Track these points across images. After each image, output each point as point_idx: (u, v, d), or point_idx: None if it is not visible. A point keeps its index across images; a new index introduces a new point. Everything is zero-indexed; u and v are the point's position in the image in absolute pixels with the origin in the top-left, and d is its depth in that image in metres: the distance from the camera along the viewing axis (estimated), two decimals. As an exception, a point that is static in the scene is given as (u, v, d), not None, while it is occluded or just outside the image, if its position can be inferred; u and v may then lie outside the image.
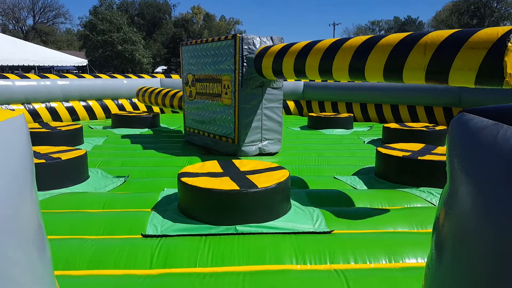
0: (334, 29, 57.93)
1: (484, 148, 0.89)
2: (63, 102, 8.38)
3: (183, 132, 6.31)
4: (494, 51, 2.49)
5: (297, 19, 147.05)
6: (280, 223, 2.66)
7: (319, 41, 3.99)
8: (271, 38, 4.82)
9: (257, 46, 4.71)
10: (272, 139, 5.12)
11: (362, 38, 3.52)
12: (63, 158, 3.57)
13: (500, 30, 2.52)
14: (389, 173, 3.82)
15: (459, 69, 2.70)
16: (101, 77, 9.16)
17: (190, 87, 5.89)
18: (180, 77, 10.10)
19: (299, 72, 4.15)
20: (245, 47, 4.65)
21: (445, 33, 2.88)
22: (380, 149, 4.03)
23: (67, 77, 8.59)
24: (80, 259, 2.23)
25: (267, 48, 4.56)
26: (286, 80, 4.80)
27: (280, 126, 5.15)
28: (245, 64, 4.67)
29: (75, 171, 3.70)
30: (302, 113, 10.20)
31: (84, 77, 8.84)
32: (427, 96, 8.60)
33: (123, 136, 6.60)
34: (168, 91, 7.30)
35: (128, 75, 9.73)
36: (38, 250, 0.96)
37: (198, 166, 3.20)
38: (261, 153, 5.05)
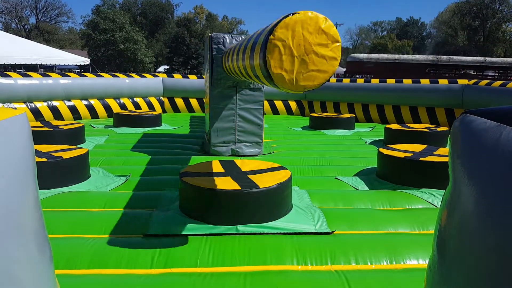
0: (336, 29, 57.74)
1: (486, 149, 0.89)
2: (65, 101, 8.39)
3: None
4: (262, 47, 2.01)
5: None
6: (281, 224, 2.66)
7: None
8: None
9: (226, 46, 4.58)
10: (248, 142, 4.94)
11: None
12: (64, 157, 3.57)
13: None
14: (391, 174, 3.81)
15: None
16: (103, 76, 9.17)
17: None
18: (183, 77, 10.10)
19: (233, 73, 3.90)
20: (215, 46, 4.57)
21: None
22: (381, 150, 4.02)
23: (69, 76, 8.60)
24: (81, 258, 2.23)
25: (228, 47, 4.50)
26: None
27: (259, 129, 4.92)
28: (214, 63, 4.61)
29: (77, 170, 3.70)
30: (304, 113, 10.19)
31: (86, 76, 8.85)
32: (429, 97, 8.59)
33: (125, 136, 6.60)
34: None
35: (130, 74, 9.73)
36: (39, 248, 0.96)
37: (200, 165, 3.20)
38: (236, 155, 4.93)
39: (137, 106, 9.50)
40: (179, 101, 10.08)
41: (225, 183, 2.70)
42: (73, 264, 2.20)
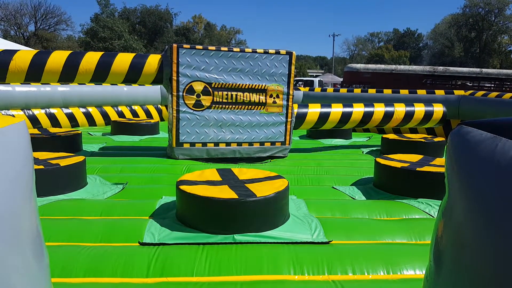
0: (333, 39, 58.53)
1: (482, 160, 0.90)
2: (63, 109, 8.38)
3: None
4: None
5: (298, 29, 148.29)
6: (278, 233, 2.66)
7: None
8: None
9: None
10: (169, 145, 5.35)
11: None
12: (61, 164, 3.57)
13: None
14: (388, 184, 3.82)
15: None
16: (101, 84, 9.18)
17: None
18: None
19: None
20: (167, 54, 5.14)
21: None
22: (378, 159, 4.03)
23: (67, 83, 8.61)
24: (76, 266, 2.22)
25: None
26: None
27: (170, 133, 5.20)
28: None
29: (74, 177, 3.69)
30: (301, 122, 10.21)
31: (85, 84, 8.86)
32: (426, 108, 8.63)
33: (122, 143, 6.59)
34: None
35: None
36: (36, 256, 0.96)
37: (197, 174, 3.20)
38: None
39: (135, 114, 9.51)
40: (177, 110, 10.08)
41: (222, 192, 2.70)
42: (68, 272, 2.18)
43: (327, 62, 79.06)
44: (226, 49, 5.17)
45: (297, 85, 25.11)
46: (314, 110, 5.85)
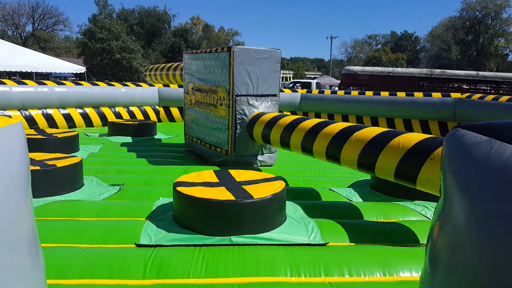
0: (331, 42, 58.69)
1: (477, 163, 0.90)
2: (60, 109, 8.36)
3: None
4: None
5: (296, 31, 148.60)
6: (275, 235, 2.66)
7: None
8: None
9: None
10: None
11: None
12: (58, 165, 3.55)
13: None
14: (384, 186, 3.82)
15: None
16: (98, 85, 9.15)
17: None
18: (179, 87, 10.09)
19: None
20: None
21: None
22: (375, 162, 4.03)
23: (64, 84, 8.59)
24: (72, 268, 2.21)
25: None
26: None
27: None
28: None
29: (70, 178, 3.68)
30: (299, 124, 10.22)
31: (82, 85, 8.84)
32: (422, 110, 8.68)
33: (119, 144, 6.58)
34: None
35: (126, 83, 9.72)
36: (31, 258, 0.96)
37: (194, 175, 3.19)
38: None
39: (132, 115, 9.49)
40: (175, 111, 10.09)
41: (219, 193, 2.70)
42: (64, 274, 2.17)
43: (324, 64, 79.22)
44: (199, 51, 5.47)
45: (295, 87, 25.13)
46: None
